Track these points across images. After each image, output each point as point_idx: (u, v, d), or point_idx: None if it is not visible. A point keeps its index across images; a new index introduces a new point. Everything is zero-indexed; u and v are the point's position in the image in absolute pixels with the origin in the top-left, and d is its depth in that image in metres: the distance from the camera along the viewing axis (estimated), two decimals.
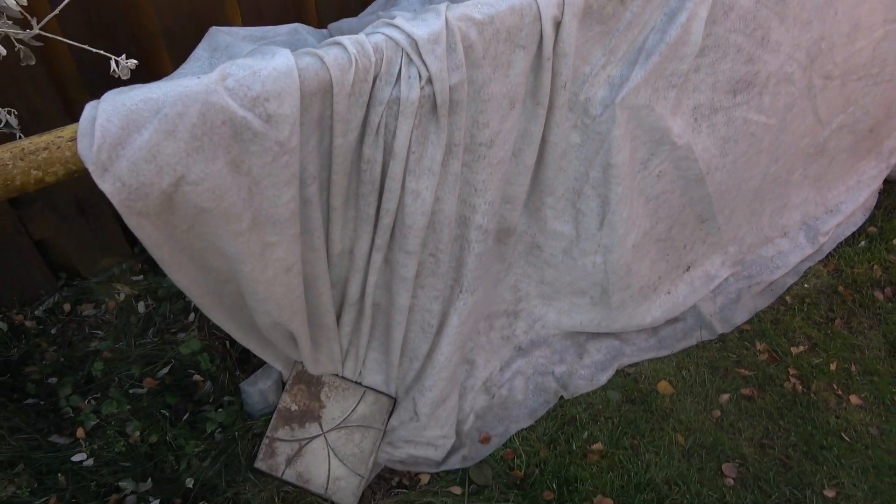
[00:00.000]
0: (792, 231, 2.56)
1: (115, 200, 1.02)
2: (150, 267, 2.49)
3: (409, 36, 1.21)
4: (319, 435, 1.90)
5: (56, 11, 0.92)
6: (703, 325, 2.28)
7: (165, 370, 2.14)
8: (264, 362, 2.00)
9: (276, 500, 1.84)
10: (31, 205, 2.17)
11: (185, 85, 1.03)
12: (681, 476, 1.90)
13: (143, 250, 2.48)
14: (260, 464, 1.89)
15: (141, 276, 2.47)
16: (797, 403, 2.08)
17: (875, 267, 2.50)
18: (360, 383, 1.92)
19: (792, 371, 2.16)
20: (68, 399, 2.04)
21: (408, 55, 1.22)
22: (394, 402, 1.92)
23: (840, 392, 2.12)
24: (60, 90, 1.98)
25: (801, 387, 2.12)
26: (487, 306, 1.95)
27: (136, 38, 2.00)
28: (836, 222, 2.60)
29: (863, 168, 2.67)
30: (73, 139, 0.97)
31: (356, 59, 1.17)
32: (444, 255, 1.54)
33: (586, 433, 2.01)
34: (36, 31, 0.85)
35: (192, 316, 2.31)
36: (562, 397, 2.09)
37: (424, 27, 1.22)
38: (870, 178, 2.68)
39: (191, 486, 1.86)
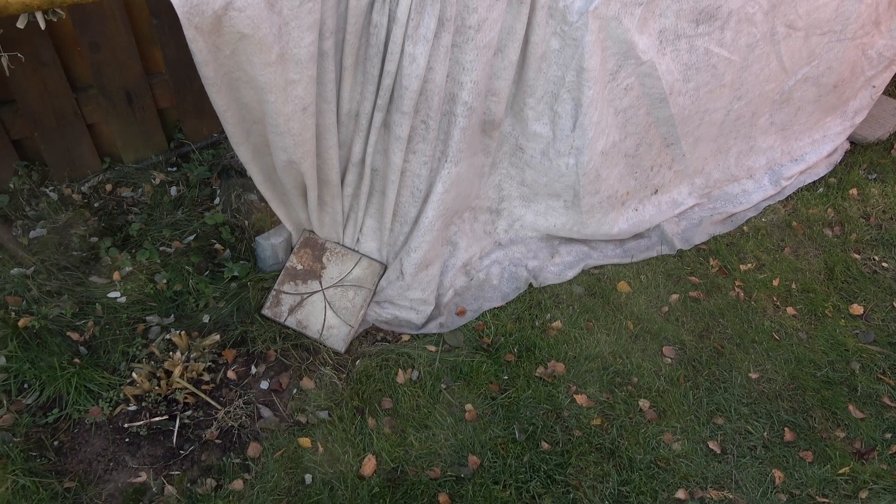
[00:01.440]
0: (758, 174, 2.83)
1: (179, 11, 1.34)
2: (184, 159, 2.82)
3: None
4: (319, 291, 2.21)
5: None
6: (665, 242, 2.57)
7: (191, 237, 2.47)
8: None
9: (278, 339, 2.17)
10: (87, 90, 2.51)
11: None
12: (626, 352, 2.20)
13: (179, 145, 2.83)
14: (266, 311, 2.22)
15: (175, 168, 2.81)
16: (738, 308, 2.36)
17: (829, 210, 2.78)
18: (356, 250, 2.24)
19: (738, 283, 2.45)
20: (108, 250, 2.38)
21: None
22: (384, 268, 2.23)
23: (778, 303, 2.40)
24: None
25: (743, 295, 2.41)
26: (471, 194, 2.25)
27: None
28: (800, 170, 2.87)
29: (828, 124, 2.94)
30: None
31: None
32: (433, 123, 1.85)
33: (549, 315, 2.31)
34: None
35: (217, 200, 2.64)
36: (531, 285, 2.39)
37: None
38: (834, 135, 2.95)
39: (206, 321, 2.19)
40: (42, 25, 1.32)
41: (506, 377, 2.12)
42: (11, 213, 2.48)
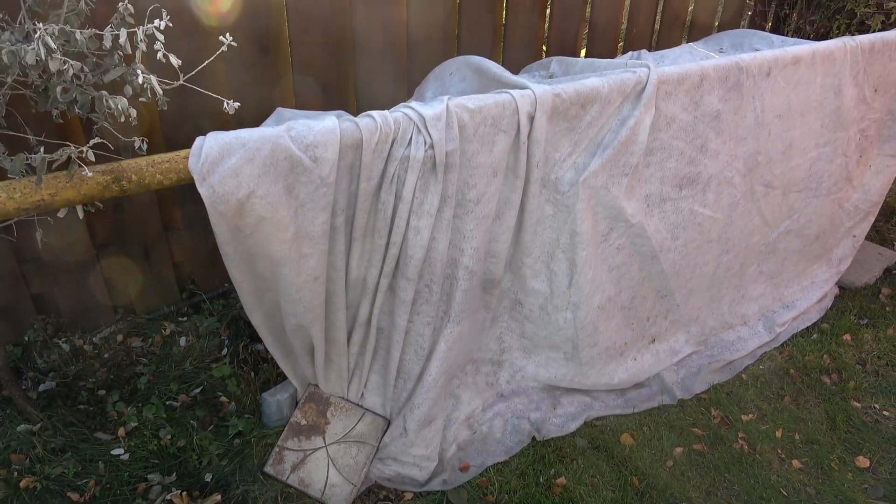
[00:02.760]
0: (751, 321, 2.91)
1: (206, 201, 1.48)
2: (195, 309, 2.91)
3: (419, 114, 1.72)
4: (322, 447, 2.22)
5: (203, 65, 1.45)
6: (665, 391, 2.59)
7: (198, 390, 2.51)
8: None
9: (279, 499, 2.14)
10: (107, 246, 2.65)
11: (263, 130, 1.52)
12: None
13: (191, 295, 2.93)
14: (269, 468, 2.20)
15: (185, 318, 2.89)
16: (743, 461, 2.34)
17: (825, 356, 2.82)
18: (361, 405, 2.27)
19: (741, 434, 2.45)
20: (115, 405, 2.41)
21: (417, 127, 1.71)
22: (388, 423, 2.25)
23: (783, 456, 2.38)
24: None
25: (748, 448, 2.40)
26: (473, 348, 2.32)
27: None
28: (792, 316, 2.95)
29: (815, 271, 3.06)
30: (187, 157, 1.45)
31: (381, 127, 1.66)
32: (436, 286, 1.95)
33: (553, 470, 2.29)
34: (181, 82, 1.35)
35: (224, 350, 2.70)
36: (534, 438, 2.39)
37: (431, 109, 1.73)
38: (822, 281, 3.06)
39: (208, 480, 2.18)
40: (80, 216, 1.45)
41: None
42: (23, 365, 2.53)
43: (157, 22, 1.38)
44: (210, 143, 1.46)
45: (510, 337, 2.43)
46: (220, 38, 1.39)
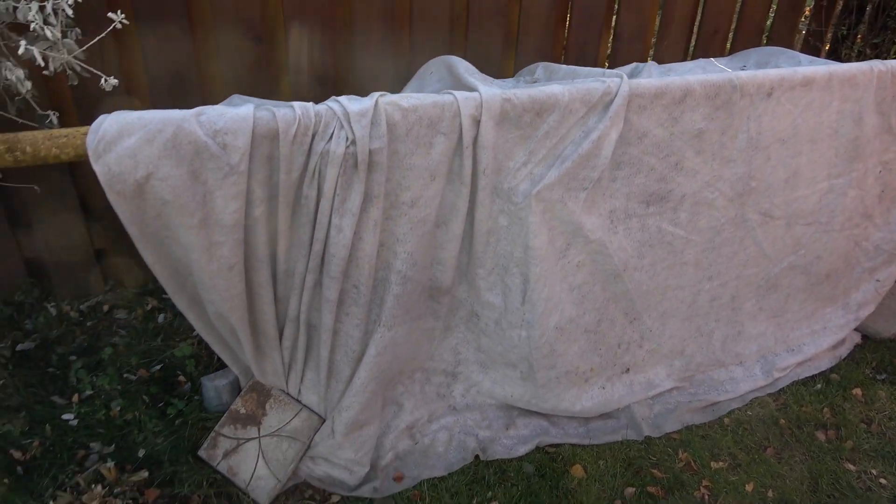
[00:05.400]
0: (748, 361, 2.67)
1: (102, 179, 1.48)
2: None
3: (344, 109, 1.66)
4: (255, 438, 2.20)
5: (95, 40, 1.46)
6: (632, 426, 2.42)
7: (158, 367, 2.55)
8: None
9: (205, 484, 2.13)
10: (99, 220, 2.74)
11: (168, 113, 1.51)
12: None
13: None
14: (202, 452, 2.20)
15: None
16: None
17: (825, 409, 2.55)
18: (299, 401, 2.23)
19: (705, 482, 2.24)
20: (77, 372, 2.47)
21: (341, 122, 1.65)
22: (322, 421, 2.20)
23: None
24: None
25: (709, 498, 2.19)
26: (419, 356, 2.23)
27: None
28: (796, 361, 2.69)
29: (828, 315, 2.77)
30: (86, 133, 1.45)
31: (300, 118, 1.62)
32: (364, 288, 1.88)
33: (490, 493, 2.17)
34: (68, 57, 1.35)
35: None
36: (478, 457, 2.28)
37: (357, 104, 1.66)
38: (836, 327, 2.78)
39: (140, 456, 2.20)
40: None
41: None
42: (8, 326, 2.65)
43: None
44: (110, 122, 1.46)
45: (466, 349, 2.33)
46: (110, 14, 1.38)
